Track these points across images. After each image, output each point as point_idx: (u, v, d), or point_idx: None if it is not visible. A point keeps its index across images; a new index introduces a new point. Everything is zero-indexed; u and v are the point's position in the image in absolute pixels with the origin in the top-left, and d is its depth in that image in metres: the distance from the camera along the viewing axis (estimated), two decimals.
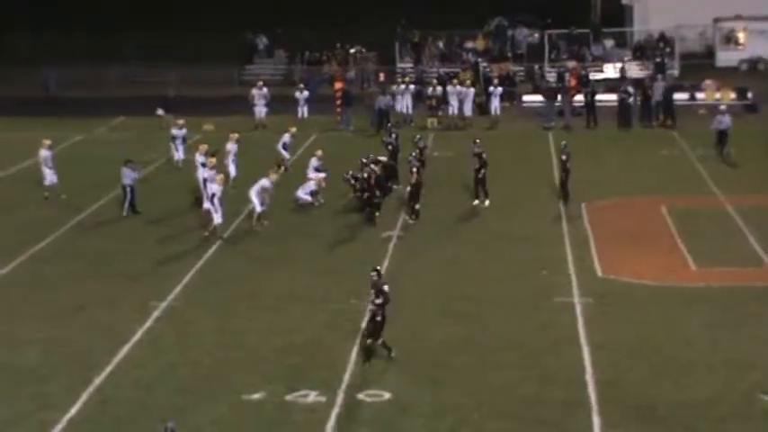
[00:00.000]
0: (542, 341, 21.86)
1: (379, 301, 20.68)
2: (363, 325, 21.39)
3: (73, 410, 19.01)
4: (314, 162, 33.79)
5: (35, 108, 52.32)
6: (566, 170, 32.25)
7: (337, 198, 32.52)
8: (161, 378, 20.38)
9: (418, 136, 35.37)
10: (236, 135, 35.42)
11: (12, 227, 31.26)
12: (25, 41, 63.16)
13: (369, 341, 20.74)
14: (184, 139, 38.03)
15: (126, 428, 18.36)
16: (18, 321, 23.45)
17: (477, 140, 33.01)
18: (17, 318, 23.66)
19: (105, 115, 49.05)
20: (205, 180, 30.37)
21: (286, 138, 37.06)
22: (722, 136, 38.68)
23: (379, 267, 21.36)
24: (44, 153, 34.08)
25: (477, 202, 32.09)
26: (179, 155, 37.83)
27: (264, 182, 30.23)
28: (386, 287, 20.80)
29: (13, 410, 19.07)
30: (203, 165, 31.56)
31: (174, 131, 38.04)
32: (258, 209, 29.98)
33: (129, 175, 31.84)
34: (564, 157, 32.27)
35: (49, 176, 33.80)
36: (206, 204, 29.53)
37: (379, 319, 20.64)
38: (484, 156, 32.04)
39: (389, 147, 34.85)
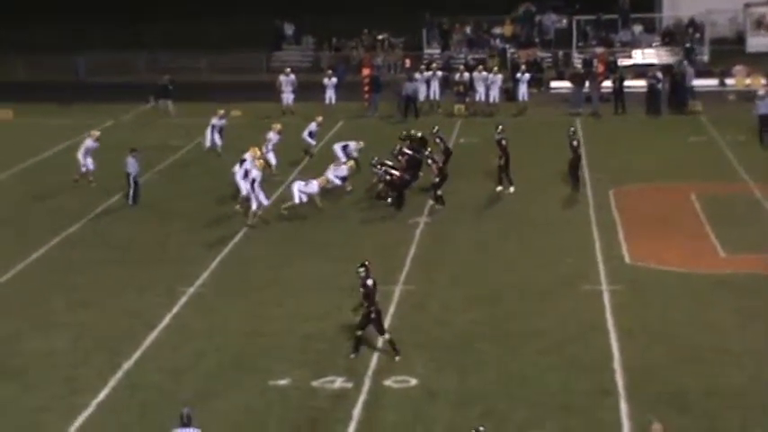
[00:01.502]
0: (570, 328, 21.81)
1: (365, 303, 20.35)
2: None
3: (102, 395, 19.16)
4: (352, 146, 33.95)
5: (64, 94, 52.59)
6: (576, 156, 32.06)
7: (364, 184, 32.51)
8: (188, 364, 20.48)
9: (436, 127, 35.24)
10: (279, 126, 35.16)
11: (42, 212, 31.44)
12: (53, 29, 63.44)
13: (359, 332, 20.50)
14: (222, 129, 37.89)
15: (153, 413, 18.47)
16: (49, 306, 23.61)
17: (500, 127, 32.89)
18: (48, 303, 23.82)
19: (133, 101, 49.22)
20: (246, 172, 30.31)
21: (312, 126, 37.02)
22: (764, 120, 38.15)
23: (367, 262, 20.81)
24: (89, 143, 34.05)
25: (500, 188, 32.02)
26: (217, 142, 37.63)
27: (314, 186, 30.22)
28: (369, 281, 20.31)
29: (44, 395, 19.25)
30: (243, 160, 31.46)
31: (215, 121, 37.87)
32: (295, 201, 30.03)
33: (132, 165, 31.78)
34: (575, 143, 32.06)
35: (83, 162, 33.81)
36: (244, 191, 29.67)
37: (373, 316, 20.42)
38: (503, 143, 31.90)
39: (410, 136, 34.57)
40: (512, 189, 32.01)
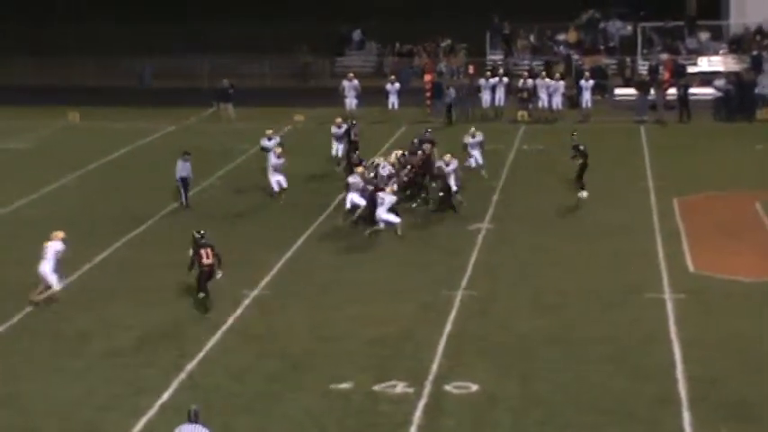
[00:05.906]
0: (633, 336, 21.66)
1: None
2: None
3: (165, 396, 19.31)
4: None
5: (130, 98, 53.21)
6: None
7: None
8: (251, 366, 20.60)
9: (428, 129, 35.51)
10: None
11: (106, 214, 31.75)
12: (119, 33, 64.08)
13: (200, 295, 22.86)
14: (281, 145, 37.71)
15: (216, 415, 18.54)
16: (114, 307, 23.84)
17: (575, 134, 33.00)
18: (114, 303, 24.05)
19: (197, 106, 49.63)
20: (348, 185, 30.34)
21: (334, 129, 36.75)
22: None
23: (203, 231, 24.09)
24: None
25: (584, 194, 31.84)
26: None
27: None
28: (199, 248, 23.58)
29: (108, 395, 19.43)
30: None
31: (264, 142, 37.49)
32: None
33: (185, 168, 31.90)
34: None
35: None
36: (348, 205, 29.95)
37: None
38: (581, 148, 31.91)
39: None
40: (584, 194, 31.83)
